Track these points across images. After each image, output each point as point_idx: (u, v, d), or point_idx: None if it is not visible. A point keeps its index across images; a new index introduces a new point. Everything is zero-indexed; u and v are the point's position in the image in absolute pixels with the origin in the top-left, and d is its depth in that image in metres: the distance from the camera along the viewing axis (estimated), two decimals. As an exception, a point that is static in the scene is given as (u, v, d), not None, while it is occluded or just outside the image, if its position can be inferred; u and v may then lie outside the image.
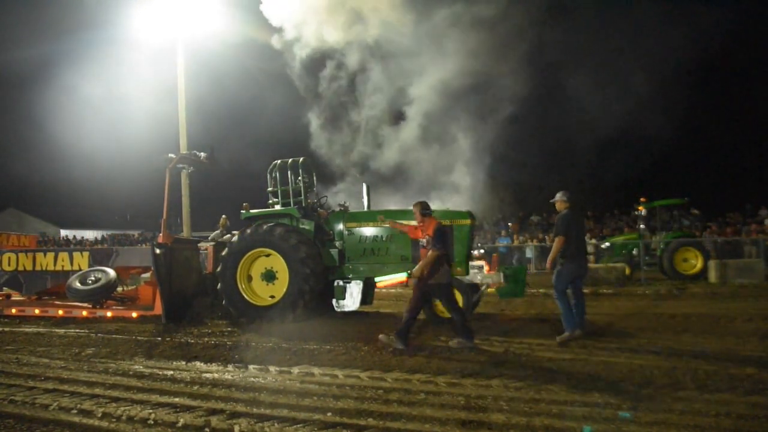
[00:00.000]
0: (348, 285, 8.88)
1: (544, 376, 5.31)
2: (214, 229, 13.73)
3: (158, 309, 9.06)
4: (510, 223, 24.27)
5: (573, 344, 6.72)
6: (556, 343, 6.77)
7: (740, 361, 5.64)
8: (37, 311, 10.09)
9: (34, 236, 14.78)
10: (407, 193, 9.66)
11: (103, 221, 54.54)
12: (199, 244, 11.00)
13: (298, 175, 9.55)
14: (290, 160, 9.64)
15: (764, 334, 7.12)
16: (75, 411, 4.78)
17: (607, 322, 8.40)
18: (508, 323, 8.60)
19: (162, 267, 8.98)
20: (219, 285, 9.20)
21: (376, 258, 8.91)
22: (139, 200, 47.88)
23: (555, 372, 5.48)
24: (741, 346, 6.51)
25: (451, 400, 4.70)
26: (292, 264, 8.74)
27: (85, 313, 9.78)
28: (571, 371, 5.48)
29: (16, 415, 4.74)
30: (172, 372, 6.03)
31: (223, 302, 9.22)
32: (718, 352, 6.15)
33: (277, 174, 9.68)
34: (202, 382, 5.57)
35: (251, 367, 6.13)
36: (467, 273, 8.52)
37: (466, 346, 6.61)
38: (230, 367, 6.18)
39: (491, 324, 8.45)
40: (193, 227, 19.78)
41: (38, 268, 10.50)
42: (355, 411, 4.48)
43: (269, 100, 15.52)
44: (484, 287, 8.60)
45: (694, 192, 19.01)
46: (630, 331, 7.54)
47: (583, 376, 5.30)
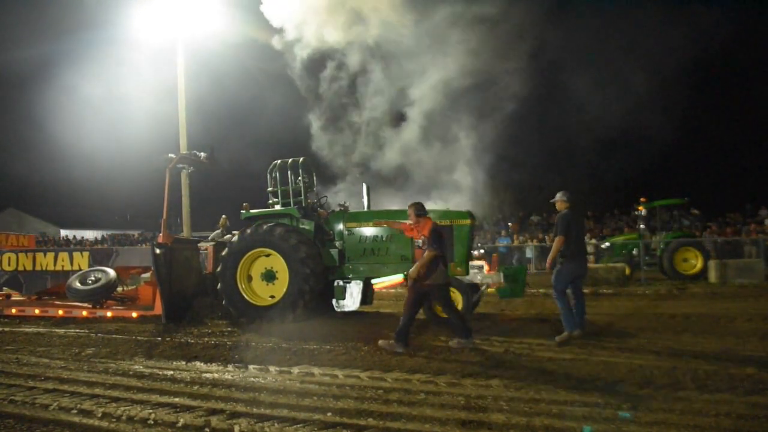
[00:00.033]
0: (348, 285, 8.88)
1: (544, 376, 5.31)
2: (214, 229, 13.73)
3: (158, 309, 9.07)
4: (510, 223, 24.29)
5: (573, 344, 6.71)
6: (556, 343, 6.77)
7: (740, 361, 5.63)
8: (37, 311, 10.09)
9: (33, 236, 14.78)
10: (408, 193, 9.64)
11: (103, 221, 54.51)
12: (199, 244, 11.00)
13: (298, 175, 9.55)
14: (290, 160, 9.64)
15: (764, 334, 7.12)
16: (75, 411, 4.78)
17: (607, 322, 8.39)
18: (508, 323, 8.60)
19: (162, 267, 8.98)
20: (219, 285, 9.20)
21: (376, 258, 8.91)
22: (139, 200, 47.90)
23: (555, 372, 5.48)
24: (741, 346, 6.51)
25: (451, 400, 4.70)
26: (292, 264, 8.74)
27: (85, 313, 9.78)
28: (571, 371, 5.48)
29: (16, 415, 4.74)
30: (172, 372, 6.03)
31: (223, 302, 9.22)
32: (718, 352, 6.15)
33: (277, 174, 9.68)
34: (202, 382, 5.57)
35: (251, 367, 6.13)
36: (467, 273, 8.52)
37: (465, 346, 6.60)
38: (230, 367, 6.19)
39: (491, 324, 8.46)
40: (193, 227, 19.78)
41: (38, 268, 10.50)
42: (355, 411, 4.49)
43: (269, 100, 15.54)
44: (484, 287, 8.61)
45: (694, 192, 19.01)
46: (630, 331, 7.54)
47: (583, 376, 5.30)
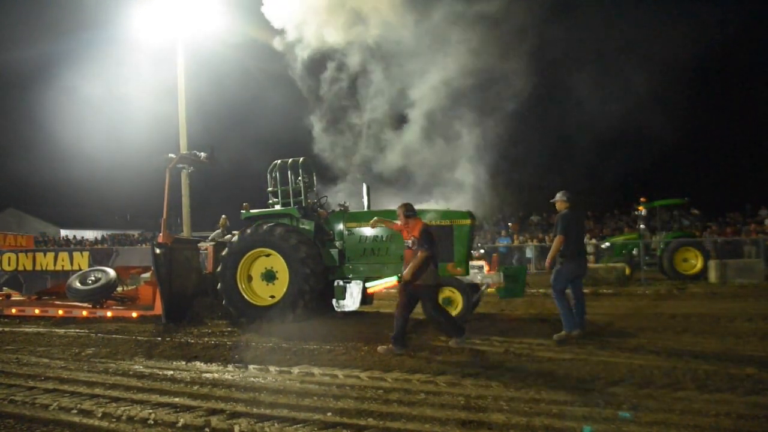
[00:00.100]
0: (348, 285, 8.87)
1: (544, 376, 5.31)
2: (214, 229, 13.74)
3: (158, 309, 9.06)
4: (510, 223, 24.29)
5: (573, 344, 6.71)
6: (555, 343, 6.77)
7: (740, 361, 5.63)
8: (37, 311, 10.09)
9: (32, 236, 14.79)
10: (408, 193, 9.64)
11: (103, 221, 54.49)
12: (199, 244, 11.01)
13: (298, 175, 9.55)
14: (290, 160, 9.64)
15: (764, 334, 7.12)
16: (75, 411, 4.78)
17: (607, 322, 8.40)
18: (508, 323, 8.60)
19: (162, 267, 8.98)
20: (219, 285, 9.20)
21: (376, 258, 8.91)
22: (139, 200, 47.90)
23: (555, 372, 5.49)
24: (741, 346, 6.51)
25: (451, 400, 4.70)
26: (292, 264, 8.74)
27: (85, 313, 9.78)
28: (571, 371, 5.48)
29: (16, 415, 4.74)
30: (172, 372, 6.03)
31: (223, 302, 9.22)
32: (718, 352, 6.15)
33: (277, 174, 9.68)
34: (202, 382, 5.57)
35: (251, 367, 6.13)
36: (467, 273, 8.52)
37: (463, 344, 6.65)
38: (230, 367, 6.19)
39: (491, 324, 8.46)
40: (193, 227, 19.78)
41: (38, 268, 10.51)
42: (355, 411, 4.49)
43: (269, 100, 15.55)
44: (484, 287, 8.60)
45: (694, 192, 19.00)
46: (630, 331, 7.54)
47: (583, 376, 5.30)
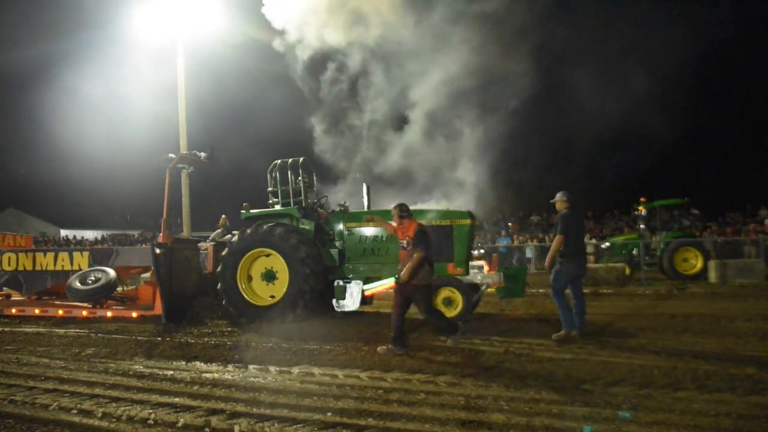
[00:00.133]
0: (348, 285, 8.87)
1: (544, 376, 5.32)
2: (214, 229, 13.74)
3: (158, 309, 9.06)
4: (510, 223, 24.28)
5: (573, 344, 6.72)
6: (555, 343, 6.78)
7: (740, 361, 5.63)
8: (37, 311, 10.09)
9: (31, 236, 14.80)
10: (409, 193, 9.64)
11: (103, 221, 54.49)
12: (199, 244, 11.01)
13: (298, 175, 9.55)
14: (290, 160, 9.64)
15: (764, 334, 7.12)
16: (75, 411, 4.78)
17: (607, 322, 8.39)
18: (508, 323, 8.60)
19: (162, 267, 8.98)
20: (219, 285, 9.20)
21: (376, 258, 8.91)
22: (139, 200, 47.89)
23: (555, 372, 5.49)
24: (741, 346, 6.51)
25: (451, 400, 4.70)
26: (292, 264, 8.74)
27: (85, 313, 9.78)
28: (571, 371, 5.48)
29: (16, 415, 4.74)
30: (172, 372, 6.03)
31: (223, 302, 9.22)
32: (718, 352, 6.15)
33: (277, 174, 9.68)
34: (202, 382, 5.57)
35: (251, 367, 6.13)
36: (467, 273, 8.52)
37: (458, 341, 6.73)
38: (230, 367, 6.19)
39: (491, 324, 8.46)
40: (193, 227, 19.78)
41: (38, 268, 10.52)
42: (355, 411, 4.49)
43: (269, 100, 15.54)
44: (484, 287, 8.60)
45: (694, 192, 19.00)
46: (630, 331, 7.54)
47: (583, 376, 5.30)
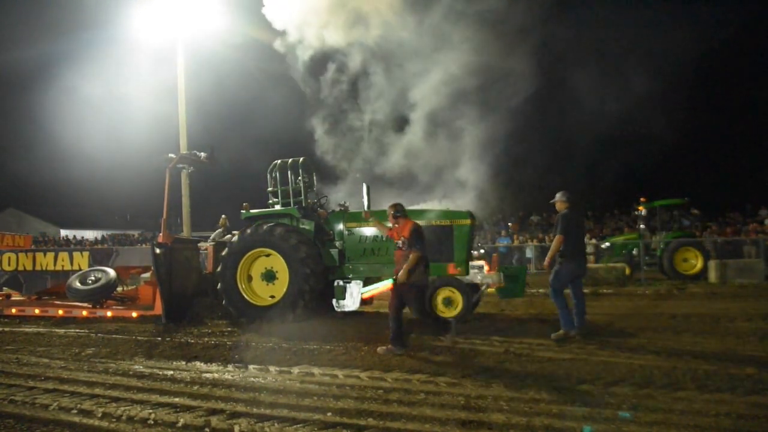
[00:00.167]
0: (348, 285, 8.86)
1: (544, 376, 5.32)
2: (215, 229, 13.75)
3: (158, 309, 9.07)
4: (510, 223, 24.27)
5: (573, 344, 6.72)
6: (555, 343, 6.78)
7: (740, 361, 5.64)
8: (37, 311, 10.09)
9: (30, 236, 14.83)
10: (409, 193, 9.63)
11: (103, 221, 54.51)
12: (199, 244, 11.01)
13: (298, 175, 9.56)
14: (290, 160, 9.64)
15: (764, 334, 7.12)
16: (75, 411, 4.79)
17: (607, 322, 8.40)
18: (508, 323, 8.60)
19: (162, 267, 8.98)
20: (219, 285, 9.20)
21: (376, 258, 8.91)
22: (139, 200, 47.92)
23: (555, 372, 5.49)
24: (741, 346, 6.51)
25: (451, 400, 4.70)
26: (292, 264, 8.74)
27: (85, 313, 9.78)
28: (571, 371, 5.48)
29: (16, 415, 4.75)
30: (172, 372, 6.03)
31: (223, 302, 9.22)
32: (718, 352, 6.16)
33: (277, 174, 9.68)
34: (202, 382, 5.57)
35: (251, 367, 6.14)
36: (467, 273, 8.52)
37: (451, 340, 6.90)
38: (230, 367, 6.19)
39: (491, 324, 8.46)
40: (193, 227, 19.77)
41: (38, 268, 10.55)
42: (355, 411, 4.49)
43: (270, 100, 15.52)
44: (484, 287, 8.60)
45: (694, 192, 18.99)
46: (630, 331, 7.54)
47: (583, 376, 5.30)
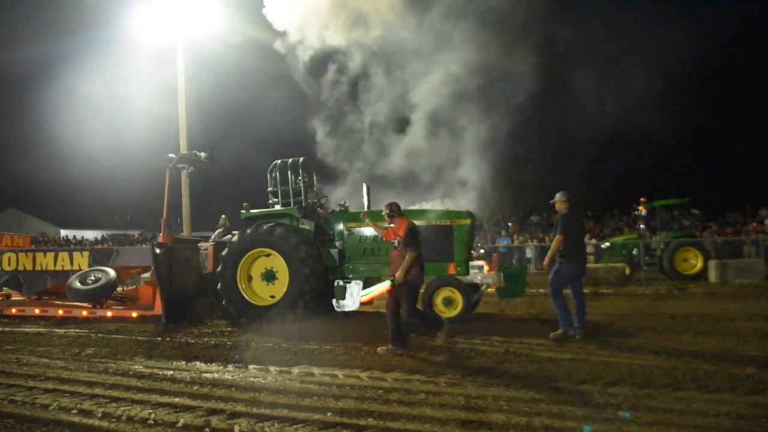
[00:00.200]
0: (348, 285, 8.86)
1: (544, 376, 5.32)
2: (215, 229, 13.75)
3: (158, 309, 9.07)
4: (510, 223, 24.28)
5: (573, 344, 6.72)
6: (555, 343, 6.78)
7: (740, 361, 5.63)
8: (37, 311, 10.09)
9: (29, 236, 14.84)
10: (409, 193, 9.63)
11: (103, 221, 54.53)
12: (199, 244, 11.01)
13: (298, 175, 9.56)
14: (290, 160, 9.64)
15: (764, 334, 7.12)
16: (75, 411, 4.78)
17: (607, 322, 8.40)
18: (508, 323, 8.61)
19: (162, 267, 8.98)
20: (219, 285, 9.20)
21: (376, 258, 8.91)
22: (139, 200, 47.95)
23: (555, 372, 5.48)
24: (741, 346, 6.51)
25: (451, 400, 4.70)
26: (292, 264, 8.74)
27: (85, 313, 9.78)
28: (571, 371, 5.48)
29: (16, 415, 4.74)
30: (172, 372, 6.03)
31: (223, 302, 9.22)
32: (718, 352, 6.15)
33: (277, 174, 9.68)
34: (202, 382, 5.57)
35: (251, 367, 6.14)
36: (467, 273, 8.52)
37: (445, 335, 6.81)
38: (230, 367, 6.19)
39: (491, 324, 8.46)
40: (193, 227, 19.79)
41: (38, 268, 10.53)
42: (355, 411, 4.49)
43: (270, 100, 15.51)
44: (484, 287, 8.60)
45: (694, 192, 19.00)
46: (630, 331, 7.54)
47: (583, 376, 5.30)
